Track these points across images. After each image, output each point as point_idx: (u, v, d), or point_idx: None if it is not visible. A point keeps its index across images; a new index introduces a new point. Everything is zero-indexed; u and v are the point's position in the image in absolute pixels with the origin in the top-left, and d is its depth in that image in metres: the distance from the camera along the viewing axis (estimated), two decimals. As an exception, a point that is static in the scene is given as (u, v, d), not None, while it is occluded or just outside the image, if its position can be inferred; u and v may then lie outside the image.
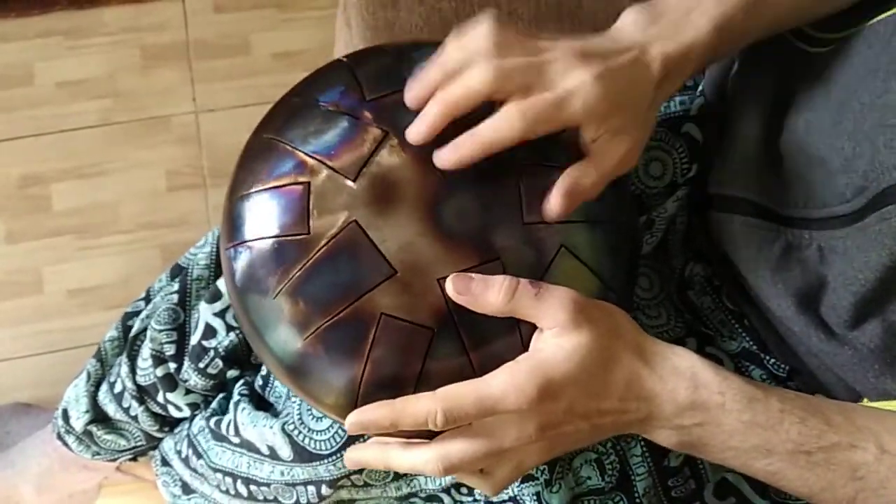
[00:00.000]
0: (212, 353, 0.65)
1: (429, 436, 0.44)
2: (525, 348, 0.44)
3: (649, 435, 0.45)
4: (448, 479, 0.58)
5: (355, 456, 0.48)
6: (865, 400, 0.51)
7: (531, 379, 0.41)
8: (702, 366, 0.43)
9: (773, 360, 0.58)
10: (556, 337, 0.42)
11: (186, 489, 0.70)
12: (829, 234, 0.48)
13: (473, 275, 0.43)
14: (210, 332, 0.65)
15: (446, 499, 0.59)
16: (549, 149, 0.46)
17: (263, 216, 0.46)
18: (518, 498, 0.57)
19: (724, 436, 0.42)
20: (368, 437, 0.57)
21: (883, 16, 0.47)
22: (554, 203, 0.44)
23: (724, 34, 0.45)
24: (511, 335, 0.44)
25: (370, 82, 0.48)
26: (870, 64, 0.46)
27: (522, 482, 0.56)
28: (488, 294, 0.42)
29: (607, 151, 0.44)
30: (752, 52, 0.55)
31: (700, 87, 0.60)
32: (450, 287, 0.42)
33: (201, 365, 0.65)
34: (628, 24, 0.46)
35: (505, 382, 0.41)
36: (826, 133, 0.48)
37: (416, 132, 0.44)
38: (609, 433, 0.45)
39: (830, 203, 0.48)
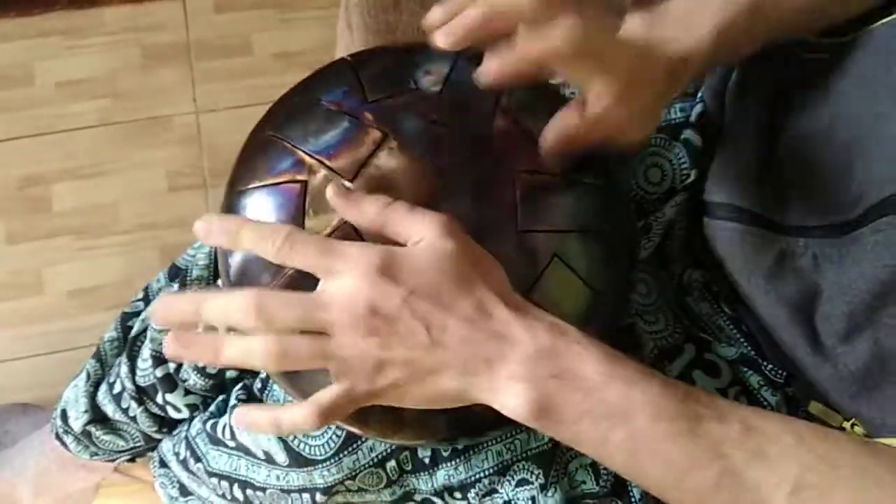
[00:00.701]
0: None
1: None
2: None
3: (497, 391, 0.39)
4: (441, 480, 0.57)
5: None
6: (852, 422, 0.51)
7: (378, 250, 0.39)
8: (565, 322, 0.40)
9: (770, 367, 0.57)
10: (418, 244, 0.40)
11: (184, 491, 0.70)
12: (824, 242, 0.48)
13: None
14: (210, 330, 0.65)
15: (439, 502, 0.59)
16: (549, 157, 0.45)
17: (260, 213, 0.46)
18: (513, 502, 0.57)
19: (580, 393, 0.38)
20: (365, 441, 0.57)
21: (879, 23, 0.47)
22: (549, 137, 0.44)
23: (726, 40, 0.45)
24: None
25: (373, 83, 0.48)
26: (865, 72, 0.46)
27: (516, 486, 0.56)
28: (365, 201, 0.41)
29: (599, 97, 0.43)
30: (750, 58, 0.55)
31: (699, 94, 0.60)
32: (329, 189, 0.42)
33: (200, 364, 0.65)
34: (636, 27, 0.45)
35: (355, 245, 0.39)
36: (821, 141, 0.48)
37: (449, 32, 0.41)
38: (454, 373, 0.39)
39: (825, 212, 0.47)
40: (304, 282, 0.40)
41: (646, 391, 0.38)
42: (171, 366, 0.67)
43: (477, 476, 0.57)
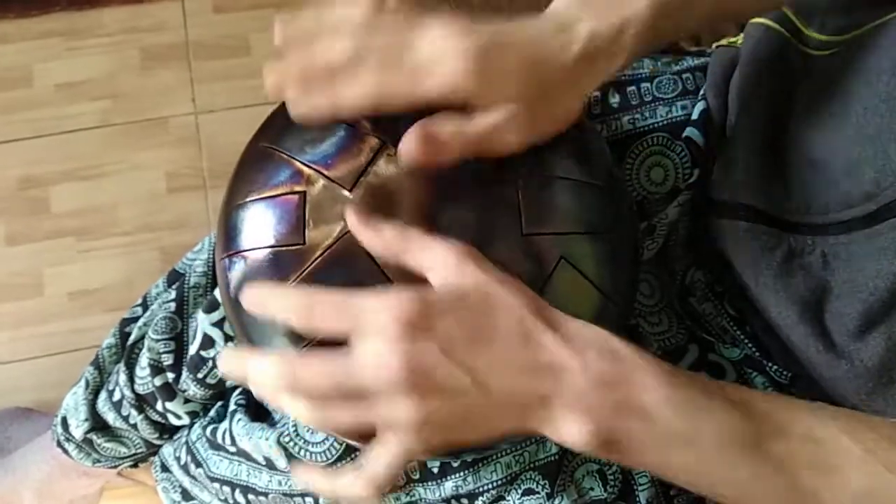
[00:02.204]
0: (210, 363, 0.65)
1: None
2: None
3: (555, 425, 0.37)
4: (449, 490, 0.57)
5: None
6: None
7: (407, 296, 0.36)
8: (614, 337, 0.38)
9: (775, 367, 0.57)
10: (441, 278, 0.39)
11: (186, 495, 0.70)
12: (832, 239, 0.47)
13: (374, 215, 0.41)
14: (208, 342, 0.65)
15: (446, 510, 0.59)
16: (550, 159, 0.45)
17: (259, 226, 0.45)
18: (519, 510, 0.57)
19: (642, 422, 0.36)
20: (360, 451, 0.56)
21: (886, 18, 0.46)
22: (404, 144, 0.41)
23: (663, 12, 0.42)
24: None
25: None
26: (873, 67, 0.46)
27: (523, 495, 0.56)
28: (384, 229, 0.40)
29: (481, 115, 0.41)
30: (753, 55, 0.54)
31: (702, 92, 0.59)
32: (350, 215, 0.41)
33: (200, 375, 0.65)
34: (560, 4, 0.43)
35: (378, 297, 0.37)
36: (828, 138, 0.47)
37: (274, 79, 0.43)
38: (502, 412, 0.37)
39: (834, 208, 0.47)
40: (322, 275, 0.41)
41: (709, 414, 0.37)
42: (170, 375, 0.67)
43: (485, 487, 0.56)
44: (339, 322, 0.37)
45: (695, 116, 0.58)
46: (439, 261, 0.39)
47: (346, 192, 0.44)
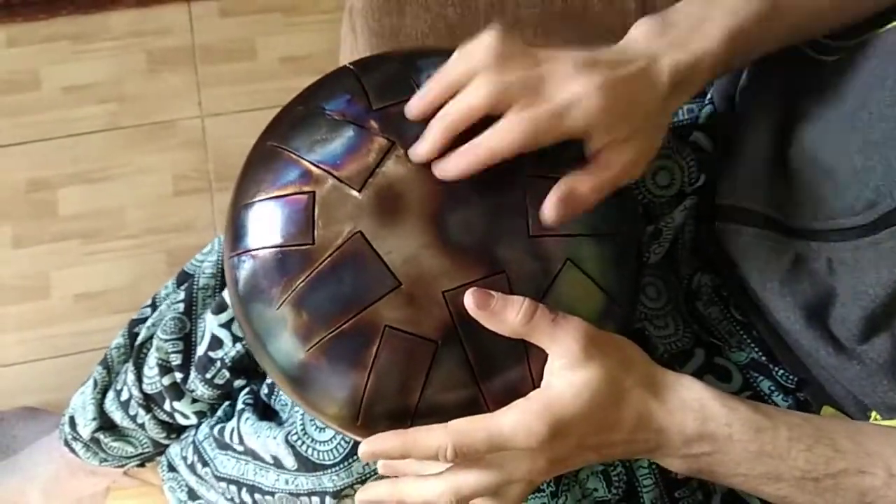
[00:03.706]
0: (218, 363, 0.65)
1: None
2: (528, 362, 0.43)
3: (658, 461, 0.46)
4: None
5: (369, 496, 0.48)
6: (874, 414, 0.50)
7: (542, 418, 0.41)
8: (709, 397, 0.43)
9: (781, 371, 0.57)
10: (567, 370, 0.42)
11: (192, 495, 0.70)
12: (838, 246, 0.47)
13: (493, 292, 0.42)
14: (216, 343, 0.65)
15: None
16: (557, 161, 0.45)
17: (267, 225, 0.45)
18: (524, 509, 0.57)
19: (732, 464, 0.43)
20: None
21: (893, 24, 0.47)
22: (548, 210, 0.43)
23: (736, 45, 0.45)
24: (515, 348, 0.43)
25: (376, 91, 0.47)
26: (879, 73, 0.46)
27: (528, 495, 0.57)
28: (507, 312, 0.42)
29: (609, 160, 0.44)
30: (761, 60, 0.54)
31: (709, 96, 0.60)
32: (469, 301, 0.42)
33: (208, 376, 0.65)
34: (639, 34, 0.45)
35: (516, 422, 0.41)
36: (835, 144, 0.48)
37: (420, 151, 0.44)
38: (617, 458, 0.46)
39: (839, 215, 0.47)
40: (317, 287, 0.41)
41: (794, 460, 0.42)
42: (178, 375, 0.67)
43: None
44: (487, 452, 0.42)
45: (702, 121, 0.58)
46: (564, 345, 0.42)
47: (354, 193, 0.44)
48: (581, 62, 0.43)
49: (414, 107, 0.45)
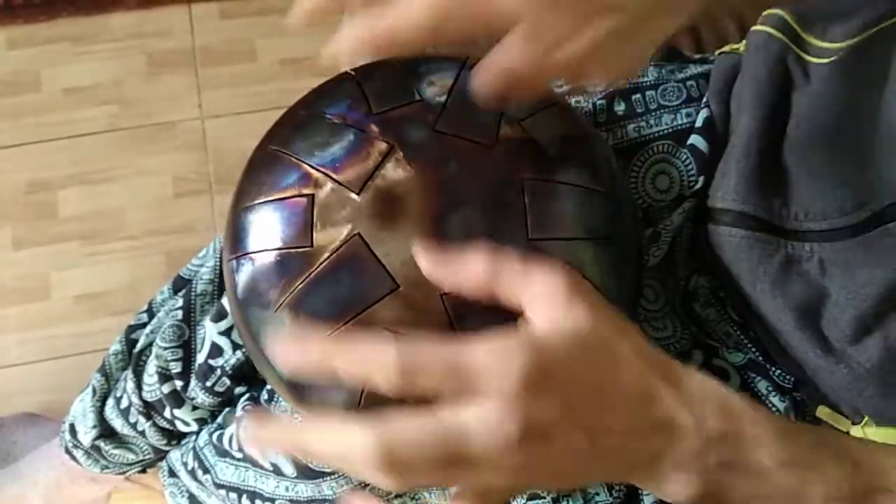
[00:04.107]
0: (218, 371, 0.65)
1: None
2: None
3: (659, 481, 0.35)
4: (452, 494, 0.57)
5: (254, 433, 0.34)
6: (867, 417, 0.50)
7: (522, 355, 0.31)
8: (729, 391, 0.36)
9: (778, 372, 0.57)
10: (550, 312, 0.33)
11: (194, 500, 0.70)
12: (829, 246, 0.48)
13: (445, 248, 0.36)
14: (216, 350, 0.65)
15: (450, 517, 0.59)
16: (556, 165, 0.45)
17: (267, 228, 0.46)
18: (525, 515, 0.57)
19: (752, 480, 0.35)
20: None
21: (882, 25, 0.47)
22: (478, 75, 0.37)
23: None
24: None
25: (377, 96, 0.48)
26: (869, 76, 0.46)
27: (528, 500, 0.56)
28: (466, 262, 0.35)
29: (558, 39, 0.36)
30: (753, 63, 0.55)
31: (705, 99, 0.60)
32: (420, 258, 0.36)
33: (208, 384, 0.65)
34: None
35: (493, 346, 0.31)
36: (825, 145, 0.48)
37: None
38: (607, 469, 0.35)
39: (830, 215, 0.47)
40: (315, 290, 0.40)
41: (821, 474, 0.35)
42: (178, 383, 0.67)
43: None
44: (444, 380, 0.31)
45: (699, 124, 0.58)
46: (542, 295, 0.34)
47: (353, 196, 0.44)
48: None
49: None
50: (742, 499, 0.35)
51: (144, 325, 0.73)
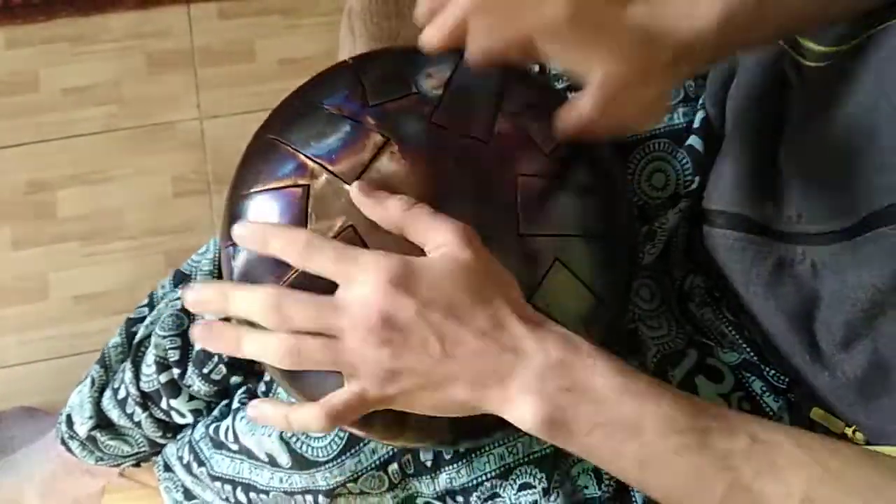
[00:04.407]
0: (216, 359, 0.66)
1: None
2: None
3: (509, 404, 0.39)
4: (443, 483, 0.58)
5: (194, 294, 0.44)
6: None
7: (396, 260, 0.40)
8: (574, 333, 0.41)
9: (773, 372, 0.57)
10: (437, 251, 0.41)
11: (189, 495, 0.70)
12: (822, 250, 0.48)
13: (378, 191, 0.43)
14: None
15: (443, 507, 0.60)
16: (549, 161, 0.46)
17: (262, 216, 0.46)
18: (516, 507, 0.57)
19: (592, 406, 0.38)
20: (366, 443, 0.57)
21: (877, 29, 0.47)
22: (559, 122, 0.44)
23: (733, 27, 0.43)
24: None
25: (374, 87, 0.48)
26: (862, 81, 0.46)
27: (519, 491, 0.56)
28: (389, 201, 0.42)
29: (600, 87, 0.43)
30: (749, 66, 0.55)
31: (701, 100, 0.60)
32: (354, 190, 0.43)
33: (205, 371, 0.66)
34: (633, 13, 0.43)
35: (367, 253, 0.40)
36: (821, 149, 0.48)
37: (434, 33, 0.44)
38: (465, 386, 0.40)
39: (822, 219, 0.47)
40: (310, 285, 0.41)
41: (657, 405, 0.38)
42: (175, 372, 0.67)
43: (479, 479, 0.57)
44: (333, 265, 0.40)
45: (696, 124, 0.59)
46: (440, 238, 0.41)
47: (348, 187, 0.45)
48: None
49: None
50: (585, 425, 0.39)
51: (144, 318, 0.73)
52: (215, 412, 0.69)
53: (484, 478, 0.57)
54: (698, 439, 0.38)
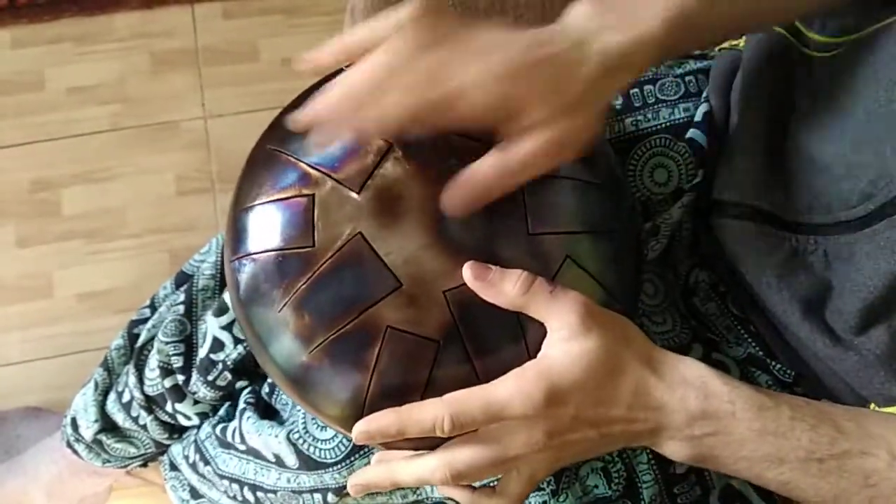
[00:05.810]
0: (220, 366, 0.65)
1: (434, 446, 0.44)
2: (530, 358, 0.43)
3: (660, 447, 0.44)
4: None
5: (361, 480, 0.47)
6: (873, 405, 0.51)
7: (538, 384, 0.41)
8: (711, 375, 0.43)
9: (779, 366, 0.58)
10: (564, 342, 0.42)
11: (195, 494, 0.70)
12: (834, 239, 0.48)
13: (491, 266, 0.43)
14: (218, 345, 0.65)
15: (451, 507, 0.60)
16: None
17: (268, 229, 0.45)
18: (524, 507, 0.57)
19: (735, 445, 0.42)
20: (374, 449, 0.57)
21: (886, 21, 0.47)
22: (447, 195, 0.43)
23: (678, 28, 0.43)
24: (517, 346, 0.44)
25: None
26: (874, 70, 0.46)
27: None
28: (505, 283, 0.42)
29: (514, 144, 0.42)
30: (754, 57, 0.55)
31: (704, 94, 0.60)
32: (467, 272, 0.43)
33: (210, 378, 0.66)
34: (577, 14, 0.43)
35: (511, 388, 0.41)
36: (829, 139, 0.48)
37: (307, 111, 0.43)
38: (619, 443, 0.45)
39: (835, 209, 0.47)
40: (318, 289, 0.41)
41: (798, 440, 0.42)
42: (180, 377, 0.67)
43: (490, 482, 0.57)
44: (485, 421, 0.42)
45: (698, 118, 0.59)
46: (562, 320, 0.42)
47: (353, 195, 0.44)
48: (492, 44, 0.41)
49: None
50: (730, 458, 0.43)
51: (146, 320, 0.73)
52: (221, 412, 0.69)
53: (495, 480, 0.57)
54: (838, 465, 0.42)
